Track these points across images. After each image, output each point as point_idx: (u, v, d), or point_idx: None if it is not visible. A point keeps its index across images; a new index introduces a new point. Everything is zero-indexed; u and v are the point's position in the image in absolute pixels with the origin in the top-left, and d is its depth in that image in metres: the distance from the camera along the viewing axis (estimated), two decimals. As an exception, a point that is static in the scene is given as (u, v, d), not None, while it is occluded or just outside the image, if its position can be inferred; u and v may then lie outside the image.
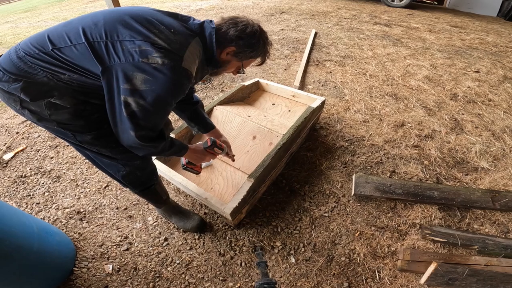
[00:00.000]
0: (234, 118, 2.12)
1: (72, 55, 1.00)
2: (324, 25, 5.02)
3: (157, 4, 7.55)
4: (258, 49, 1.25)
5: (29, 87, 1.01)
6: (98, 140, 1.18)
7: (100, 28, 1.01)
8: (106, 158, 1.25)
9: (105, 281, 1.48)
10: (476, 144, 2.25)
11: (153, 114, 1.06)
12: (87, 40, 0.99)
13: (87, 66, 1.01)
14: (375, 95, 2.91)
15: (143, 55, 0.97)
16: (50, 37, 1.02)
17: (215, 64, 1.23)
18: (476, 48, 4.11)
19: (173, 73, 1.00)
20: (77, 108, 1.09)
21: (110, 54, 0.98)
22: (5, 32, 6.41)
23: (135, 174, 1.35)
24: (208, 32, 1.15)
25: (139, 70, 0.97)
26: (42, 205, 1.91)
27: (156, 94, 1.00)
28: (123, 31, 1.00)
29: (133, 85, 0.98)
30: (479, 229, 1.67)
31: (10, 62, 1.01)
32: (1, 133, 2.65)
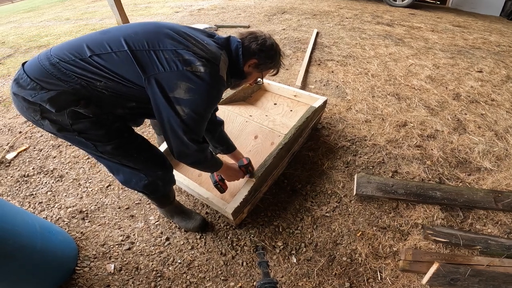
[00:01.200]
0: (236, 118, 2.12)
1: (112, 62, 1.02)
2: (326, 24, 5.01)
3: (159, 4, 7.56)
4: (276, 60, 1.33)
5: (58, 96, 0.99)
6: (119, 150, 1.18)
7: (141, 38, 1.04)
8: (128, 168, 1.26)
9: (107, 281, 1.49)
10: (479, 144, 2.24)
11: (198, 120, 1.12)
12: (129, 48, 1.02)
13: (126, 73, 1.03)
14: (377, 94, 2.90)
15: (187, 63, 1.02)
16: (89, 45, 1.03)
17: (241, 75, 1.29)
18: (479, 47, 4.09)
19: (213, 80, 1.07)
20: (100, 118, 1.10)
21: (154, 63, 1.02)
22: (8, 32, 6.44)
23: (157, 183, 1.35)
24: (235, 46, 1.22)
25: (183, 79, 1.02)
26: (45, 204, 1.92)
27: (199, 101, 1.07)
28: (164, 41, 1.04)
29: (178, 94, 1.03)
30: (481, 229, 1.66)
31: (41, 69, 1.00)
32: (4, 133, 2.66)
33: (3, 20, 8.18)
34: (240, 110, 2.21)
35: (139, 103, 1.15)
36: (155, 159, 1.33)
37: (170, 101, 1.04)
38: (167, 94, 1.03)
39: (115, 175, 1.32)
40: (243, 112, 2.17)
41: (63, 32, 5.73)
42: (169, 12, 6.50)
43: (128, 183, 1.33)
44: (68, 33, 5.65)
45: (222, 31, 4.88)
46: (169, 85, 1.03)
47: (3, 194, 2.02)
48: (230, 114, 2.14)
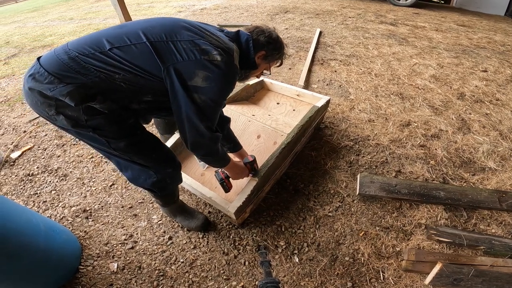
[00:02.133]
0: (238, 117, 2.12)
1: (131, 54, 1.04)
2: (329, 24, 5.00)
3: (161, 3, 7.58)
4: (281, 51, 1.41)
5: (77, 90, 1.00)
6: (131, 147, 1.20)
7: (158, 30, 1.08)
8: (138, 165, 1.27)
9: (110, 279, 1.49)
10: (484, 144, 2.22)
11: (214, 108, 1.17)
12: (148, 39, 1.05)
13: (145, 65, 1.06)
14: (381, 94, 2.89)
15: (204, 52, 1.07)
16: (107, 39, 1.05)
17: (252, 66, 1.35)
18: (483, 47, 4.06)
19: (229, 69, 1.13)
20: (114, 114, 1.11)
21: (172, 53, 1.06)
22: (12, 31, 6.49)
23: (165, 181, 1.37)
24: (245, 39, 1.29)
25: (201, 67, 1.07)
26: (49, 203, 1.93)
27: (215, 89, 1.12)
28: (181, 33, 1.09)
29: (196, 82, 1.07)
30: (485, 229, 1.65)
31: (59, 63, 1.01)
32: (9, 132, 2.69)
33: (7, 20, 8.25)
34: (243, 109, 2.22)
35: (155, 96, 1.18)
36: (166, 156, 1.34)
37: (188, 90, 1.08)
38: (186, 83, 1.07)
39: (123, 172, 1.33)
40: (245, 112, 2.17)
41: (67, 32, 5.76)
42: (172, 12, 6.52)
43: (136, 180, 1.33)
44: (72, 32, 5.69)
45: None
46: (187, 74, 1.06)
47: (8, 193, 2.04)
48: (233, 113, 2.14)
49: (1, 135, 2.66)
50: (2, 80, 3.80)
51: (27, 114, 2.92)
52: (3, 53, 4.98)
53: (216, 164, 1.48)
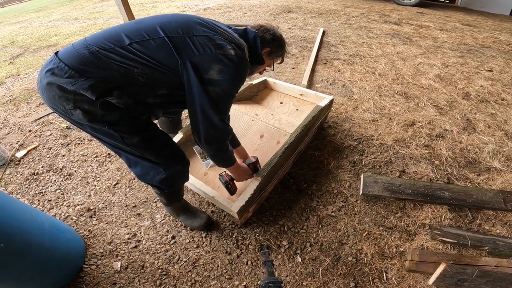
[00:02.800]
0: (241, 117, 2.12)
1: (150, 48, 1.08)
2: (332, 23, 4.98)
3: (165, 3, 7.61)
4: (284, 49, 1.48)
5: (98, 84, 1.03)
6: (144, 142, 1.22)
7: (175, 25, 1.14)
8: (148, 162, 1.28)
9: (113, 279, 1.50)
10: (489, 144, 2.20)
11: (227, 99, 1.23)
12: (166, 34, 1.10)
13: (163, 58, 1.10)
14: (385, 94, 2.87)
15: (219, 47, 1.13)
16: (126, 34, 1.09)
17: (260, 61, 1.40)
18: (489, 46, 4.02)
19: (241, 63, 1.19)
20: (129, 109, 1.14)
21: (189, 47, 1.11)
22: (17, 31, 6.55)
23: (174, 178, 1.38)
24: (253, 36, 1.35)
25: (216, 61, 1.12)
26: (54, 202, 1.95)
27: (229, 82, 1.17)
28: (197, 28, 1.15)
29: (211, 75, 1.12)
30: (490, 230, 1.64)
31: (80, 57, 1.03)
32: (14, 131, 2.71)
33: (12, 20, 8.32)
34: (246, 109, 2.22)
35: (170, 89, 1.22)
36: (176, 153, 1.36)
37: (203, 82, 1.13)
38: (201, 76, 1.12)
39: (132, 168, 1.34)
40: (249, 111, 2.17)
41: (71, 32, 5.80)
42: (175, 12, 6.54)
43: (144, 176, 1.35)
44: (76, 32, 5.73)
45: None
46: (203, 67, 1.11)
47: (13, 192, 2.05)
48: (236, 113, 2.15)
49: (7, 134, 2.68)
50: (7, 80, 3.84)
51: (32, 113, 2.95)
52: (8, 53, 5.03)
53: (224, 163, 1.49)
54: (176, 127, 2.12)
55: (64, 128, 2.64)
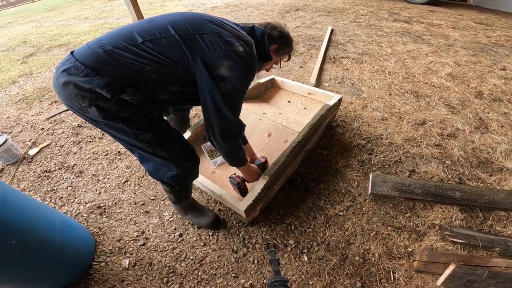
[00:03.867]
0: (249, 116, 2.12)
1: (161, 46, 1.11)
2: (340, 22, 4.93)
3: (173, 2, 7.67)
4: (291, 46, 1.49)
5: (113, 82, 1.06)
6: (156, 138, 1.24)
7: (185, 23, 1.16)
8: (160, 158, 1.31)
9: (122, 276, 1.52)
10: (502, 144, 2.15)
11: (238, 95, 1.25)
12: (177, 32, 1.12)
13: (175, 56, 1.13)
14: (395, 92, 2.83)
15: (228, 44, 1.15)
16: (139, 32, 1.12)
17: (268, 57, 1.41)
18: (502, 45, 3.92)
19: (250, 59, 1.20)
20: (142, 106, 1.17)
21: (199, 44, 1.13)
22: (29, 31, 6.69)
23: (184, 175, 1.40)
24: (260, 33, 1.36)
25: (226, 57, 1.14)
26: (65, 199, 1.99)
27: (239, 78, 1.18)
28: (206, 26, 1.17)
29: (221, 71, 1.14)
30: (501, 231, 1.60)
31: (95, 56, 1.06)
32: (27, 129, 2.77)
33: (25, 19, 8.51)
34: (253, 107, 2.22)
35: (181, 86, 1.23)
36: (187, 150, 1.38)
37: (214, 79, 1.14)
38: (212, 72, 1.14)
39: (144, 164, 1.37)
40: (256, 110, 2.17)
41: (82, 31, 5.90)
42: (183, 11, 6.57)
43: (156, 173, 1.37)
44: (87, 32, 5.82)
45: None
46: (213, 64, 1.13)
47: (26, 189, 2.10)
48: (244, 111, 2.15)
49: (20, 132, 2.75)
50: (20, 79, 3.93)
51: (45, 112, 3.01)
52: (21, 52, 5.15)
53: (237, 162, 1.50)
54: (185, 125, 2.13)
55: (76, 126, 2.69)
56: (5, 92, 3.63)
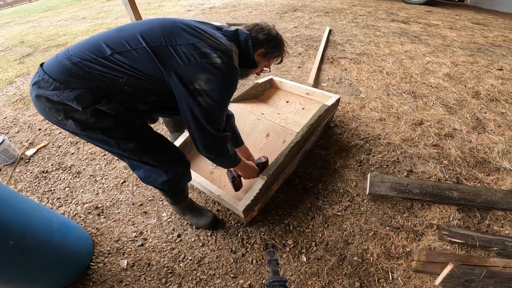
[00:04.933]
0: (247, 116, 2.12)
1: (132, 59, 1.05)
2: (338, 22, 4.94)
3: (171, 2, 7.66)
4: (282, 48, 1.40)
5: (84, 94, 1.01)
6: (140, 147, 1.21)
7: (157, 34, 1.08)
8: (148, 165, 1.29)
9: (120, 276, 1.52)
10: (499, 144, 2.16)
11: (219, 109, 1.18)
12: (147, 44, 1.05)
13: (146, 68, 1.06)
14: (392, 93, 2.84)
15: (204, 56, 1.06)
16: (107, 43, 1.05)
17: (252, 64, 1.34)
18: (499, 45, 3.95)
19: (229, 70, 1.13)
20: (122, 115, 1.12)
21: (172, 57, 1.05)
22: (27, 31, 6.66)
23: (175, 180, 1.38)
24: (244, 37, 1.27)
25: (203, 70, 1.06)
26: (63, 200, 1.98)
27: (218, 91, 1.11)
28: (181, 36, 1.08)
29: (199, 85, 1.07)
30: (499, 230, 1.61)
31: (63, 68, 1.01)
32: (24, 130, 2.76)
33: (22, 20, 8.46)
34: (252, 108, 2.22)
35: (158, 97, 1.19)
36: (174, 156, 1.35)
37: (192, 93, 1.08)
38: (188, 86, 1.07)
39: (135, 171, 1.34)
40: (255, 110, 2.17)
41: (80, 31, 5.88)
42: (181, 11, 6.57)
43: (147, 179, 1.35)
44: (85, 32, 5.80)
45: (234, 30, 4.89)
46: (189, 78, 1.06)
47: (23, 189, 2.09)
48: (242, 112, 2.15)
49: (17, 133, 2.73)
50: (17, 79, 3.91)
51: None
52: (18, 52, 5.12)
53: (228, 164, 1.50)
54: (182, 125, 2.12)
55: (73, 127, 2.67)
56: (2, 93, 3.62)
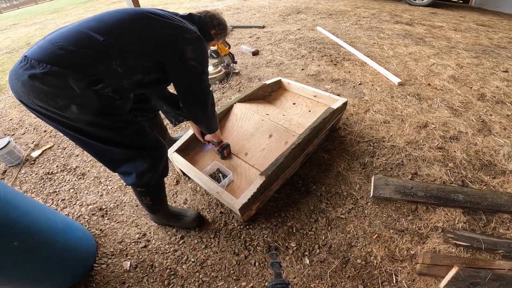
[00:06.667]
0: (252, 116, 2.12)
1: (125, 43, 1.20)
2: (342, 24, 4.94)
3: (175, 5, 7.72)
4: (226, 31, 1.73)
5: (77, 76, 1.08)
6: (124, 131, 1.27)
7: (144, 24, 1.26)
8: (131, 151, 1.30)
9: (123, 278, 1.52)
10: (505, 146, 2.14)
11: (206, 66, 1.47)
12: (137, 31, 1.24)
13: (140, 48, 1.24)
14: (397, 95, 2.83)
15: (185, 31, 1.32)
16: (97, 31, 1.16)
17: (210, 38, 1.60)
18: (504, 47, 3.91)
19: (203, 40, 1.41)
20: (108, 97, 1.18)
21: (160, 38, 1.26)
22: (33, 33, 6.75)
23: (157, 168, 1.39)
24: (198, 18, 1.53)
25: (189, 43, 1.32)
26: (67, 201, 1.99)
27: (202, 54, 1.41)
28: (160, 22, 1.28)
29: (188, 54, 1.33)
30: (505, 233, 1.58)
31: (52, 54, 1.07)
32: (30, 131, 2.79)
33: (28, 21, 8.58)
34: (258, 108, 2.22)
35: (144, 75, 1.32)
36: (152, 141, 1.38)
37: (185, 61, 1.33)
38: (182, 57, 1.32)
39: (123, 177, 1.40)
40: (260, 111, 2.17)
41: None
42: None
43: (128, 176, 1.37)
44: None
45: (237, 31, 4.91)
46: (180, 50, 1.31)
47: (28, 191, 2.11)
48: (247, 112, 2.15)
49: (22, 135, 2.76)
50: (24, 82, 3.95)
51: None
52: (25, 56, 5.17)
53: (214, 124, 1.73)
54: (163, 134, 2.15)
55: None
56: (8, 94, 3.66)
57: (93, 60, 1.12)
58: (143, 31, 1.24)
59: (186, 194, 1.95)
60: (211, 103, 1.57)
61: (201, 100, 1.50)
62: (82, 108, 1.13)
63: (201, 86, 1.46)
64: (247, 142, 2.03)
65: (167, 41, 1.27)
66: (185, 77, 1.40)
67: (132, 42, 1.21)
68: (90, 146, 1.26)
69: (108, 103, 1.18)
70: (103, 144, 1.24)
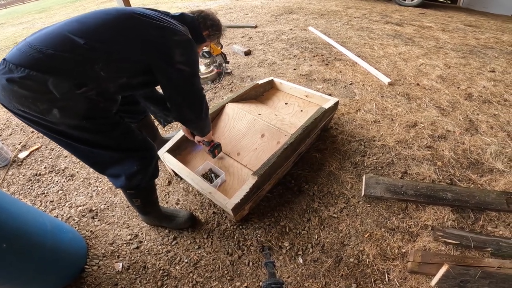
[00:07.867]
0: (244, 116, 2.12)
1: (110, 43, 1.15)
2: (333, 24, 4.98)
3: (166, 4, 7.64)
4: (221, 31, 1.68)
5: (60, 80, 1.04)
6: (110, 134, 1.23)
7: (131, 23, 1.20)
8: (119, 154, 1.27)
9: (115, 279, 1.50)
10: (492, 145, 2.19)
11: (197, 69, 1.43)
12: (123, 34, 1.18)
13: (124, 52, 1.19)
14: (387, 95, 2.86)
15: (173, 33, 1.26)
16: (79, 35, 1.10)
17: (203, 40, 1.56)
18: (491, 47, 4.01)
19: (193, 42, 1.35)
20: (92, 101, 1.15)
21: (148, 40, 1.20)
22: (20, 32, 6.59)
23: (147, 169, 1.37)
24: (190, 19, 1.47)
25: (176, 45, 1.26)
26: (56, 203, 1.96)
27: (192, 57, 1.35)
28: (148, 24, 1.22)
29: (177, 57, 1.26)
30: (493, 231, 1.63)
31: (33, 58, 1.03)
32: (17, 132, 2.73)
33: (15, 21, 8.38)
34: (250, 108, 2.22)
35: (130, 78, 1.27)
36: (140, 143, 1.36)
37: (173, 65, 1.27)
38: (170, 61, 1.26)
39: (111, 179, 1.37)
40: (252, 111, 2.17)
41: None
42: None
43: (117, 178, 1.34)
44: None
45: (229, 31, 4.89)
46: (168, 53, 1.25)
47: (16, 192, 2.06)
48: (239, 112, 2.14)
49: (9, 135, 2.70)
50: (10, 81, 3.85)
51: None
52: (11, 54, 5.05)
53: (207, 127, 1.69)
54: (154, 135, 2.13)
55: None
56: (-6, 94, 3.56)
57: (74, 64, 1.07)
58: (129, 32, 1.18)
59: (178, 194, 1.94)
60: (205, 106, 1.51)
61: (194, 104, 1.45)
62: (65, 112, 1.09)
63: (192, 90, 1.40)
64: (239, 142, 2.03)
65: (154, 43, 1.21)
66: (173, 81, 1.32)
67: (116, 45, 1.16)
68: (76, 149, 1.23)
69: (92, 106, 1.14)
70: (89, 147, 1.21)
